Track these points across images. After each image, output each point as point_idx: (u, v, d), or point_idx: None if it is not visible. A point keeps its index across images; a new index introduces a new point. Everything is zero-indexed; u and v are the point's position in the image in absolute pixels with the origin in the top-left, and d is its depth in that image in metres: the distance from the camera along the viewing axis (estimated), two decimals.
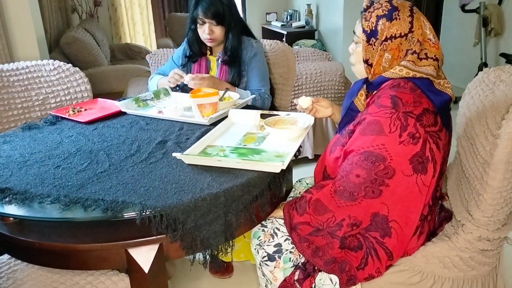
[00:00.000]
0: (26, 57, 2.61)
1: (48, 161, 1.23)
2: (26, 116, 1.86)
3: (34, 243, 1.01)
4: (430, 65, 1.07)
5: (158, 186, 1.07)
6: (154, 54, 2.64)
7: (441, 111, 1.05)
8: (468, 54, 4.44)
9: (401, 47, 1.07)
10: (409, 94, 1.04)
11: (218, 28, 1.77)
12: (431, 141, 1.02)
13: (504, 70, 1.24)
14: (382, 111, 1.04)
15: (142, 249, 1.00)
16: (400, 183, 1.02)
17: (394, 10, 1.07)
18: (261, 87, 1.86)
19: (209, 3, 1.73)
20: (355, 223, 1.07)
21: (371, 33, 1.09)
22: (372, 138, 1.03)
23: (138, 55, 4.84)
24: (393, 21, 1.07)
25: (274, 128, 1.37)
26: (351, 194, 1.05)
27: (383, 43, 1.08)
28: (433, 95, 1.05)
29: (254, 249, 1.23)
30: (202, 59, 1.92)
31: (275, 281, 1.20)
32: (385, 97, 1.05)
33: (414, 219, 1.07)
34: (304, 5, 5.06)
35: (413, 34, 1.07)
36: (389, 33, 1.07)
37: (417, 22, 1.07)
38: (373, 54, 1.11)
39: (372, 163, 1.02)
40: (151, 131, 1.46)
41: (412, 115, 1.01)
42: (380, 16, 1.08)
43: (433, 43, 1.09)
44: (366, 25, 1.10)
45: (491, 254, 1.14)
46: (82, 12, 5.07)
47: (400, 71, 1.08)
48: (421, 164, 1.02)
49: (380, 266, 1.08)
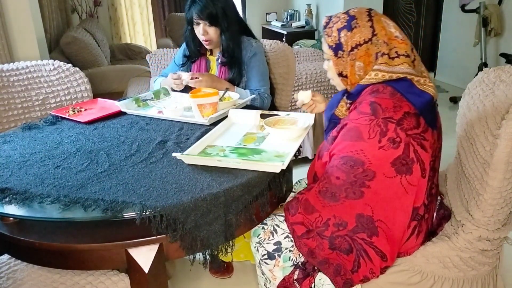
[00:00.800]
0: (26, 57, 2.61)
1: (48, 161, 1.23)
2: (26, 116, 1.86)
3: (34, 243, 1.01)
4: (403, 62, 1.08)
5: (158, 186, 1.07)
6: (154, 54, 2.64)
7: (424, 112, 1.05)
8: (468, 54, 4.44)
9: (370, 52, 1.09)
10: (389, 99, 1.05)
11: (212, 29, 1.77)
12: (415, 143, 1.03)
13: (504, 70, 1.24)
14: (361, 117, 1.05)
15: (142, 249, 1.00)
16: (381, 184, 1.04)
17: (352, 19, 1.10)
18: (261, 86, 1.86)
19: (202, 5, 1.73)
20: (341, 223, 1.08)
21: (336, 47, 1.13)
22: (351, 143, 1.05)
23: (138, 55, 4.84)
24: (354, 30, 1.09)
25: (274, 128, 1.37)
26: (333, 195, 1.08)
27: (350, 53, 1.11)
28: (413, 97, 1.05)
29: (254, 247, 1.24)
30: (202, 59, 1.93)
31: (274, 280, 1.20)
32: (365, 104, 1.07)
33: (402, 218, 1.07)
34: (304, 5, 5.06)
35: (377, 37, 1.08)
36: (353, 43, 1.10)
37: (378, 24, 1.09)
38: (345, 66, 1.14)
39: (351, 167, 1.05)
40: (151, 131, 1.46)
41: (392, 120, 1.02)
42: (340, 28, 1.11)
43: (401, 39, 1.09)
44: (330, 40, 1.14)
45: (491, 254, 1.14)
46: (82, 12, 5.07)
47: (375, 75, 1.09)
48: (405, 166, 1.03)
49: (373, 267, 1.09)
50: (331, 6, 4.60)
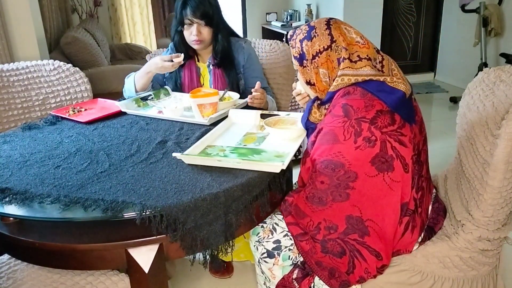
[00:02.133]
0: (26, 57, 2.61)
1: (48, 161, 1.23)
2: (26, 116, 1.86)
3: (34, 243, 1.01)
4: (366, 65, 1.10)
5: (158, 186, 1.07)
6: (154, 54, 2.63)
7: (399, 108, 1.06)
8: (468, 54, 4.44)
9: (331, 58, 1.13)
10: (360, 100, 1.06)
11: (206, 29, 1.72)
12: (392, 140, 1.04)
13: (504, 70, 1.24)
14: (335, 120, 1.07)
15: (142, 249, 1.00)
16: (365, 184, 1.05)
17: (311, 29, 1.15)
18: (266, 85, 1.86)
19: (198, 3, 1.68)
20: (332, 226, 1.09)
21: (300, 57, 1.18)
22: (329, 147, 1.07)
23: (138, 55, 4.83)
24: (313, 39, 1.14)
25: (274, 128, 1.37)
26: (320, 199, 1.09)
27: (313, 61, 1.15)
28: (384, 95, 1.07)
29: (253, 246, 1.24)
30: (192, 66, 1.84)
31: (274, 279, 1.20)
32: (337, 106, 1.09)
33: (391, 215, 1.08)
34: (304, 5, 5.06)
35: (336, 43, 1.12)
36: (314, 51, 1.14)
37: (336, 31, 1.13)
38: (310, 75, 1.18)
39: (332, 170, 1.06)
40: (151, 131, 1.46)
41: (365, 120, 1.04)
42: (302, 39, 1.17)
43: (362, 44, 1.13)
44: (294, 51, 1.20)
45: (491, 254, 1.14)
46: (82, 12, 5.07)
47: (341, 80, 1.12)
48: (385, 163, 1.04)
49: (368, 266, 1.09)
50: (331, 6, 4.60)
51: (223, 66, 1.80)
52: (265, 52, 2.11)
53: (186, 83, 1.85)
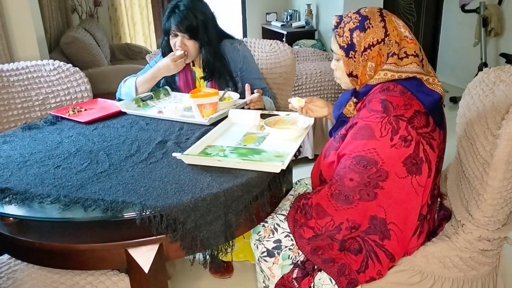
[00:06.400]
0: (26, 57, 2.61)
1: (48, 161, 1.23)
2: (26, 116, 1.86)
3: (34, 243, 1.01)
4: (412, 62, 1.08)
5: (158, 186, 1.07)
6: (154, 54, 2.63)
7: (433, 111, 1.05)
8: (468, 54, 4.44)
9: (382, 53, 1.08)
10: (399, 97, 1.04)
11: (191, 42, 1.68)
12: (424, 142, 1.02)
13: (504, 70, 1.24)
14: (373, 115, 1.04)
15: (142, 249, 1.00)
16: (394, 185, 1.03)
17: (365, 19, 1.08)
18: (264, 85, 1.85)
19: (182, 16, 1.62)
20: (354, 226, 1.07)
21: (348, 47, 1.10)
22: (363, 142, 1.04)
23: (138, 55, 4.83)
24: (367, 30, 1.08)
25: (274, 128, 1.37)
26: (347, 198, 1.06)
27: (363, 53, 1.09)
28: (423, 96, 1.05)
29: (253, 245, 1.24)
30: (187, 71, 1.82)
31: (273, 278, 1.20)
32: (375, 101, 1.06)
33: (413, 220, 1.07)
34: (304, 5, 5.06)
35: (390, 37, 1.08)
36: (366, 43, 1.08)
37: (390, 24, 1.08)
38: (356, 66, 1.12)
39: (364, 167, 1.03)
40: (151, 131, 1.46)
41: (403, 118, 1.02)
42: (352, 29, 1.09)
43: (410, 39, 1.09)
44: (341, 40, 1.11)
45: (491, 254, 1.14)
46: (82, 12, 5.06)
47: (384, 75, 1.09)
48: (415, 166, 1.02)
49: (381, 269, 1.08)
50: (331, 6, 4.59)
51: (213, 78, 1.77)
52: (265, 52, 2.11)
53: (182, 88, 1.85)
